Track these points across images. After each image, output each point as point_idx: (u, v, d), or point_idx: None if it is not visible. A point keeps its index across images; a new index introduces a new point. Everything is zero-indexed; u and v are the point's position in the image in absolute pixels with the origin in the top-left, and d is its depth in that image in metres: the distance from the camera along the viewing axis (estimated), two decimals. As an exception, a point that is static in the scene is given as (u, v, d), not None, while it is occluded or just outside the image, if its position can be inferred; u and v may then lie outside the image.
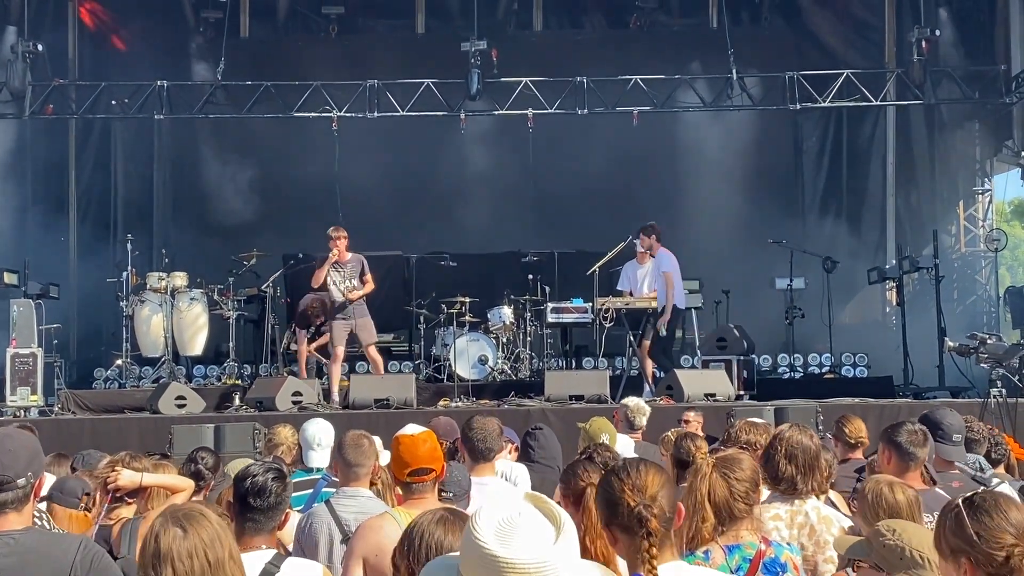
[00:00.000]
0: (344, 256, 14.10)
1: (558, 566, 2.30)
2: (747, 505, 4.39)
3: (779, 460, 4.89)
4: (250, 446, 10.98)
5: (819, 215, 20.02)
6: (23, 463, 3.99)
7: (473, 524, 2.35)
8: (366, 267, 14.19)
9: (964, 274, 19.31)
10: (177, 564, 3.12)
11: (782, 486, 4.89)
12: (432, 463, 4.95)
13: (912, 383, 15.77)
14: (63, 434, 11.54)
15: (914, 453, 5.65)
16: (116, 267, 16.69)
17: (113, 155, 20.47)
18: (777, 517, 4.75)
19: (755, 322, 16.70)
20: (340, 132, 17.62)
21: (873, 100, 17.77)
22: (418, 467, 4.92)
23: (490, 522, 2.35)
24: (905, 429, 5.74)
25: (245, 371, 16.65)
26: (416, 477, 4.92)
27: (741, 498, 4.37)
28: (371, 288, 14.22)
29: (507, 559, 2.29)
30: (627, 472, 3.32)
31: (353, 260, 14.17)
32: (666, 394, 13.32)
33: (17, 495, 3.96)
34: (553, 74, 17.87)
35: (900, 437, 5.68)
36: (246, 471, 4.71)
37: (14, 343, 14.50)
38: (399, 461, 4.98)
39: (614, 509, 3.28)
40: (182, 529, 3.17)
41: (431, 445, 5.00)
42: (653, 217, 15.38)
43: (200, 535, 3.16)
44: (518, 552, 2.29)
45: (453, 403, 13.86)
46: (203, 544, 3.15)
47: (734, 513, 4.33)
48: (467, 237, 18.92)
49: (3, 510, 3.96)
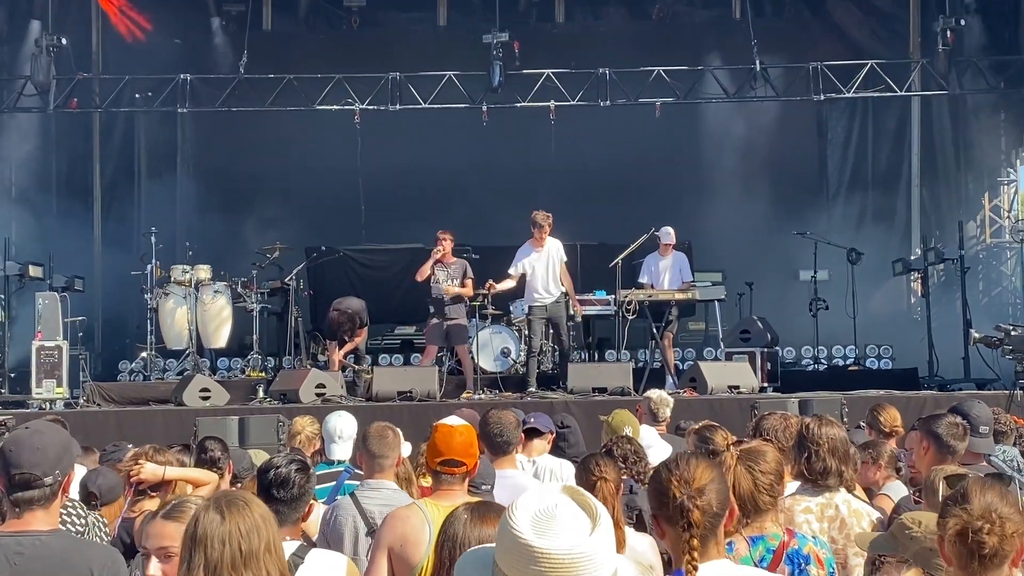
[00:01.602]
0: (449, 258, 14.35)
1: (593, 558, 2.29)
2: (772, 497, 4.37)
3: (824, 455, 4.86)
4: (274, 438, 11.01)
5: (843, 206, 19.91)
6: (51, 461, 3.98)
7: (510, 514, 2.35)
8: (469, 271, 14.51)
9: (989, 265, 19.17)
10: (209, 549, 3.10)
11: (830, 480, 4.86)
12: (464, 457, 4.90)
13: (937, 375, 15.70)
14: (88, 426, 11.58)
15: (953, 446, 5.59)
16: (140, 260, 16.73)
17: (136, 148, 20.53)
18: (808, 510, 4.72)
19: (779, 314, 16.65)
20: (362, 125, 17.62)
21: (898, 90, 17.67)
22: (449, 458, 4.88)
23: (527, 512, 2.35)
24: (945, 421, 5.67)
25: (269, 363, 16.71)
26: (446, 468, 4.88)
27: (766, 490, 4.35)
28: (469, 292, 14.47)
29: (542, 549, 2.28)
30: (676, 464, 3.33)
31: (458, 264, 14.51)
32: (689, 386, 13.29)
33: (44, 493, 3.96)
34: (575, 66, 17.85)
35: (939, 429, 5.62)
36: (269, 463, 4.72)
37: (39, 336, 14.59)
38: (433, 448, 4.95)
39: (661, 500, 3.29)
40: (220, 515, 3.15)
41: (467, 439, 4.95)
42: (675, 209, 15.38)
43: (237, 523, 3.14)
44: (553, 543, 2.29)
45: (476, 396, 13.87)
46: (238, 533, 3.13)
47: (759, 505, 4.31)
48: (490, 230, 18.88)
49: (30, 507, 3.95)
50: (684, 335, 18.02)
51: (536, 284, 14.25)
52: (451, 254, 14.55)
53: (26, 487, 3.94)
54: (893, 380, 14.84)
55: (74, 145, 19.48)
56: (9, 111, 17.98)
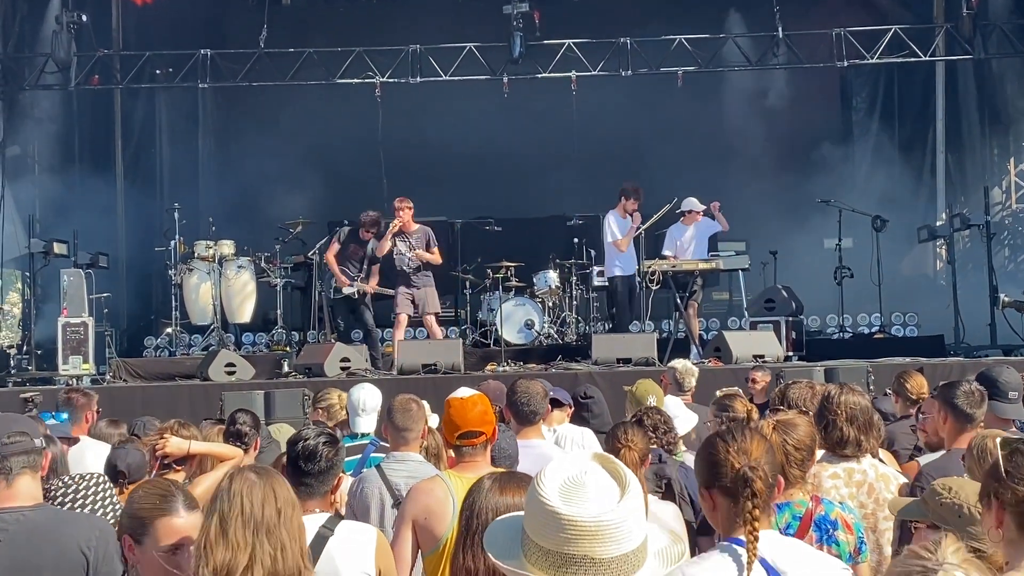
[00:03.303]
0: (410, 226, 14.18)
1: (621, 525, 2.27)
2: (801, 472, 4.36)
3: (841, 424, 4.84)
4: (300, 412, 11.07)
5: (868, 173, 19.75)
6: (32, 430, 4.02)
7: (538, 482, 2.34)
8: (433, 239, 14.29)
9: (1015, 231, 19.02)
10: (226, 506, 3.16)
11: (848, 449, 4.84)
12: (482, 426, 4.93)
13: (963, 342, 15.60)
14: (115, 402, 11.63)
15: (971, 414, 5.56)
16: (164, 236, 16.80)
17: (158, 125, 20.54)
18: (835, 476, 4.71)
19: (803, 282, 16.57)
20: (383, 98, 17.59)
21: (922, 56, 17.52)
22: (468, 430, 4.92)
23: (555, 480, 2.34)
24: (961, 390, 5.64)
25: (293, 338, 16.76)
26: (466, 440, 4.92)
27: (796, 465, 4.35)
28: (438, 259, 14.30)
29: (569, 516, 2.27)
30: (732, 436, 3.34)
31: (419, 231, 14.27)
32: (714, 356, 13.26)
33: (32, 457, 3.94)
34: (596, 36, 17.74)
35: (957, 398, 5.59)
36: (298, 436, 4.74)
37: (65, 312, 14.67)
38: (449, 424, 4.99)
39: (717, 471, 3.29)
40: (246, 481, 3.22)
41: (481, 408, 4.99)
42: (699, 178, 15.26)
43: (254, 489, 3.18)
44: (580, 510, 2.28)
45: (500, 367, 13.87)
46: (261, 498, 3.16)
47: (787, 478, 4.29)
48: (512, 201, 18.87)
49: (20, 471, 3.91)
50: (708, 305, 17.97)
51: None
52: (412, 222, 14.32)
53: (16, 450, 3.92)
54: (919, 347, 14.77)
55: (96, 122, 19.51)
56: (31, 88, 18.03)
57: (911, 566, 2.10)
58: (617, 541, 2.25)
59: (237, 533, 3.12)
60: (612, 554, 2.25)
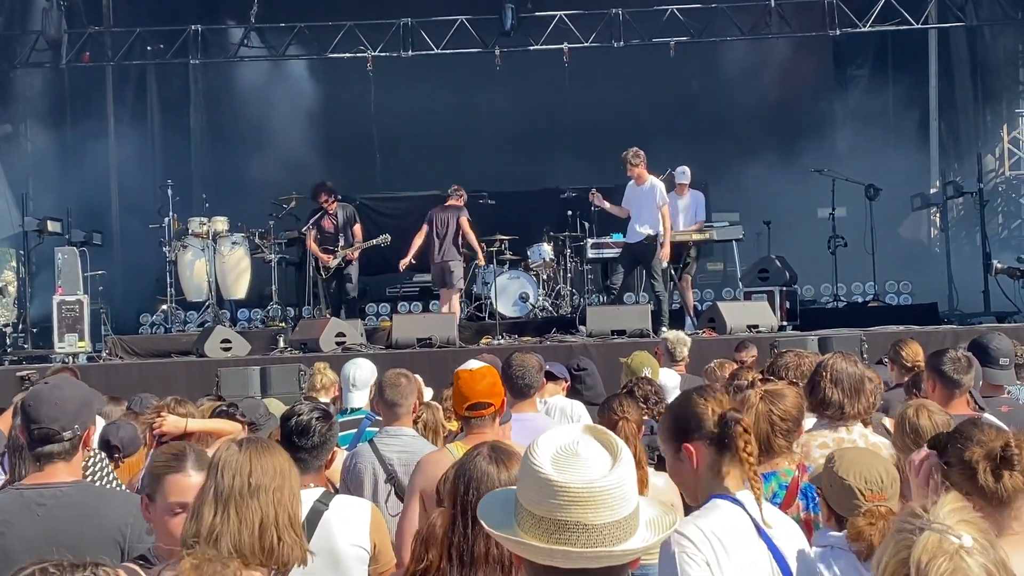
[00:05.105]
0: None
1: (613, 492, 2.30)
2: (787, 442, 4.40)
3: (825, 386, 4.87)
4: (295, 387, 11.10)
5: (861, 142, 19.75)
6: (70, 415, 4.02)
7: (531, 451, 2.38)
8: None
9: (1009, 198, 19.05)
10: (219, 477, 3.20)
11: (829, 411, 4.87)
12: (491, 398, 4.98)
13: (957, 309, 15.65)
14: (111, 379, 11.64)
15: (958, 380, 5.60)
16: (158, 213, 16.78)
17: (150, 101, 20.50)
18: (824, 445, 4.73)
19: (797, 252, 16.59)
20: (375, 72, 17.56)
21: (914, 23, 17.49)
22: (476, 401, 4.96)
23: (548, 448, 2.38)
24: (948, 357, 5.68)
25: (288, 313, 16.78)
26: (474, 411, 4.96)
27: (782, 435, 4.38)
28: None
29: (562, 483, 2.31)
30: (706, 391, 3.47)
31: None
32: (708, 327, 13.29)
33: (64, 447, 4.00)
34: (587, 7, 17.69)
35: (944, 365, 5.63)
36: (291, 411, 4.76)
37: (60, 291, 14.67)
38: (459, 395, 5.03)
39: (699, 422, 3.40)
40: (239, 449, 3.27)
41: (490, 380, 5.03)
42: (691, 149, 15.15)
43: (251, 457, 3.22)
44: (572, 476, 2.31)
45: (495, 341, 13.90)
46: (250, 466, 3.20)
47: (773, 448, 4.35)
48: (505, 175, 18.85)
49: (51, 461, 4.00)
50: (702, 275, 18.02)
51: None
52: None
53: (46, 441, 3.99)
54: (913, 315, 14.80)
55: (88, 100, 19.45)
56: (22, 66, 17.97)
57: (903, 525, 2.12)
58: (609, 507, 2.28)
59: (218, 501, 3.16)
60: (604, 520, 2.28)
